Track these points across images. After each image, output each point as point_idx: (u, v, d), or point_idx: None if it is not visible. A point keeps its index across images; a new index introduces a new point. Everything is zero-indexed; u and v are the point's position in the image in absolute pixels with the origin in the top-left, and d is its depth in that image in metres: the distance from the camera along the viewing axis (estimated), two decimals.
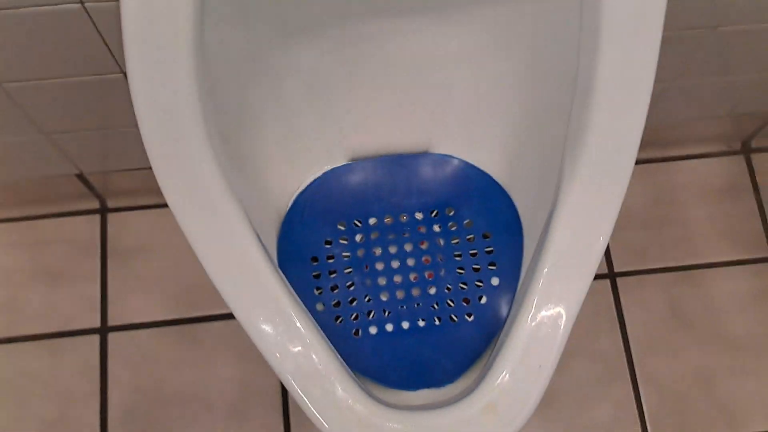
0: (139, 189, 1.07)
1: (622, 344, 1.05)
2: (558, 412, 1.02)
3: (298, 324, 0.54)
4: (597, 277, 1.08)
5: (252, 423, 1.00)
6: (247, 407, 1.01)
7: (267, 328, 0.54)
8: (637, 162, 1.14)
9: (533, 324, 0.55)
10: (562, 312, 0.53)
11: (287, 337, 0.54)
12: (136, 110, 0.55)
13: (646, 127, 1.06)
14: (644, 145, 1.12)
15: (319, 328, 0.55)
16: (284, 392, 1.02)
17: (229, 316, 1.04)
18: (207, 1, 0.53)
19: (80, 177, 1.01)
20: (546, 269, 0.53)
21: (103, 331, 1.04)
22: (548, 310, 0.53)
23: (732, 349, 1.05)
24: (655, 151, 1.13)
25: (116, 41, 0.72)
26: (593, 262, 0.53)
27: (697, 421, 1.02)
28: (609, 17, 0.52)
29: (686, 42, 0.83)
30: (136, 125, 0.90)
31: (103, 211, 1.09)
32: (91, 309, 1.05)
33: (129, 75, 0.54)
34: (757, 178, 1.13)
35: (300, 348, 0.54)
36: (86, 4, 0.67)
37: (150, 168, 1.01)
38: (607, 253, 1.09)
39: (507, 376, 0.55)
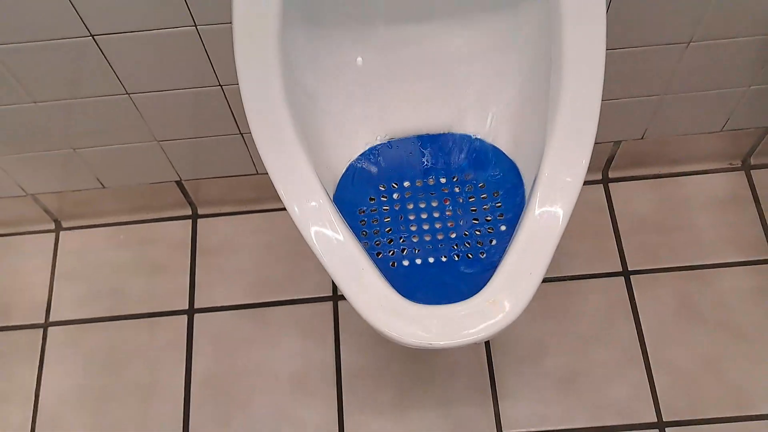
0: (224, 199, 1.29)
1: (636, 333, 1.19)
2: (579, 391, 1.16)
3: (354, 250, 0.72)
4: (612, 274, 1.23)
5: (311, 391, 1.18)
6: (307, 377, 1.19)
7: (326, 243, 0.73)
8: (648, 177, 1.32)
9: (528, 237, 0.72)
10: (559, 212, 0.71)
11: (340, 250, 0.73)
12: (244, 101, 0.75)
13: (651, 143, 1.23)
14: (653, 161, 1.30)
15: (363, 248, 0.74)
16: (338, 365, 1.19)
17: (293, 302, 1.24)
18: (285, 21, 0.75)
19: (179, 184, 1.24)
20: (544, 177, 0.71)
21: (191, 312, 1.24)
22: (549, 209, 0.71)
23: (739, 338, 1.18)
24: (664, 167, 1.29)
25: (217, 58, 0.96)
26: (580, 175, 0.71)
27: (708, 401, 1.14)
28: (567, 23, 0.72)
29: (664, 57, 1.02)
30: (226, 134, 1.13)
31: (194, 217, 1.32)
32: (182, 295, 1.26)
33: (239, 77, 0.74)
34: (758, 192, 1.28)
35: (349, 259, 0.72)
36: (198, 27, 0.91)
37: (233, 176, 1.23)
38: (621, 254, 1.24)
39: (507, 279, 0.72)
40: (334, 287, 1.25)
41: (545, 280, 1.23)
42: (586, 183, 1.30)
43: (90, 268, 1.29)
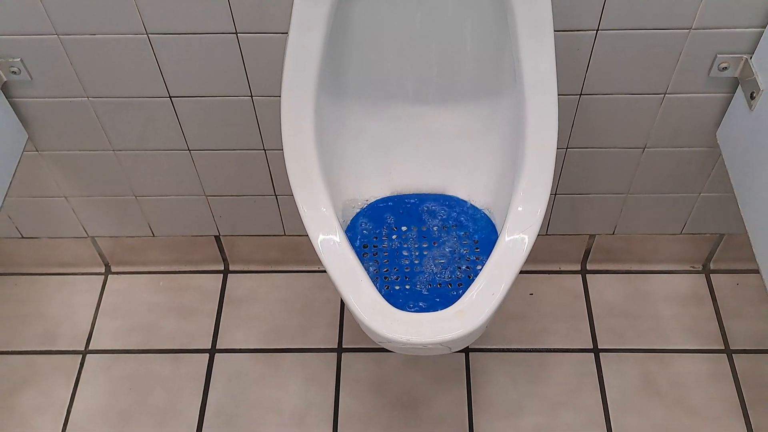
0: (253, 258, 1.50)
1: (601, 403, 1.34)
2: None
3: (355, 265, 0.92)
4: (584, 350, 1.40)
5: (308, 427, 1.33)
6: (308, 416, 1.34)
7: (334, 260, 0.92)
8: (620, 272, 1.51)
9: (496, 264, 0.91)
10: (525, 238, 0.90)
11: (346, 271, 0.92)
12: (285, 150, 0.97)
13: (622, 239, 1.43)
14: (624, 258, 1.50)
15: (364, 269, 0.94)
16: (336, 408, 1.34)
17: (303, 350, 1.42)
18: (319, 94, 0.99)
19: (217, 239, 1.46)
20: (513, 214, 0.91)
21: (212, 351, 1.42)
22: (514, 236, 0.90)
23: (691, 415, 1.32)
24: (634, 265, 1.49)
25: (265, 125, 1.20)
26: (538, 220, 0.91)
27: None
28: (531, 116, 0.95)
29: (624, 159, 1.24)
30: (263, 194, 1.36)
31: (225, 273, 1.52)
32: (206, 336, 1.44)
33: (283, 132, 0.97)
34: (716, 293, 1.46)
35: (351, 272, 0.92)
36: (254, 97, 1.16)
37: (263, 235, 1.45)
38: (593, 334, 1.41)
39: (475, 297, 0.91)
40: (340, 340, 1.42)
41: (527, 351, 1.41)
42: (568, 272, 1.51)
43: (130, 307, 1.49)
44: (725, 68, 1.09)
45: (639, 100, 1.15)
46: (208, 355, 1.42)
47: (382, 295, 0.95)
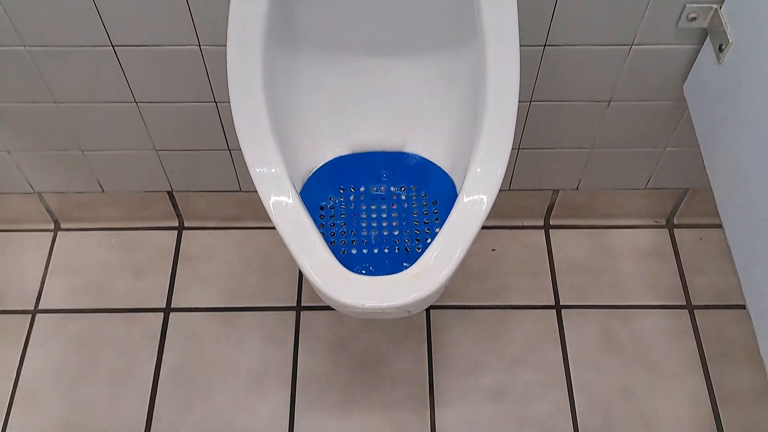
0: (208, 214, 1.45)
1: (562, 359, 1.33)
2: (508, 405, 1.29)
3: (308, 227, 0.87)
4: (545, 307, 1.39)
5: (267, 388, 1.30)
6: (266, 376, 1.31)
7: (287, 222, 0.88)
8: (583, 227, 1.49)
9: (454, 225, 0.88)
10: (484, 198, 0.86)
11: (300, 233, 0.88)
12: (232, 105, 0.91)
13: (586, 195, 1.40)
14: (588, 213, 1.48)
15: (318, 231, 0.89)
16: (294, 367, 1.32)
17: (261, 309, 1.38)
18: (269, 44, 0.93)
19: (170, 195, 1.40)
20: (471, 175, 0.87)
21: (167, 310, 1.38)
22: (473, 197, 0.86)
23: (650, 371, 1.32)
24: (598, 220, 1.47)
25: (215, 76, 1.14)
26: (497, 181, 0.87)
27: (620, 423, 1.27)
28: (491, 69, 0.90)
29: (589, 113, 1.21)
30: (216, 149, 1.30)
31: (180, 229, 1.47)
32: (161, 295, 1.40)
33: (230, 84, 0.92)
34: (679, 248, 1.45)
35: (304, 235, 0.88)
36: (202, 47, 1.09)
37: (219, 191, 1.39)
38: (555, 290, 1.40)
39: (431, 260, 0.88)
40: (299, 299, 1.39)
41: (488, 308, 1.39)
42: (530, 228, 1.49)
43: (81, 265, 1.43)
44: (694, 18, 1.05)
45: (605, 52, 1.11)
46: (162, 314, 1.38)
47: (338, 259, 0.92)
